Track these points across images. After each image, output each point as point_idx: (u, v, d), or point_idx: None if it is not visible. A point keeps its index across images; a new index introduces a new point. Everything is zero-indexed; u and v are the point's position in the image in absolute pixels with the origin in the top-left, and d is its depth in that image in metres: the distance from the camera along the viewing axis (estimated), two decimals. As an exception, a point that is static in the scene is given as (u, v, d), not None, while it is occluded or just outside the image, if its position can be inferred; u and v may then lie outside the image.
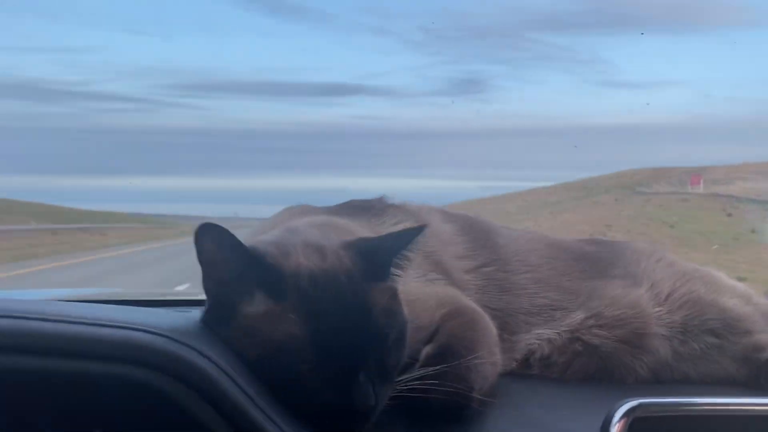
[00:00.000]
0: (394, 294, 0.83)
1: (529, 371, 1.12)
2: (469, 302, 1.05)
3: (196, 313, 0.79)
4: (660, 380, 1.13)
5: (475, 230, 1.23)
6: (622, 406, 0.67)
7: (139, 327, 0.62)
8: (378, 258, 0.83)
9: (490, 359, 0.95)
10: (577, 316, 1.14)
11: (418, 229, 0.86)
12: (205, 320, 0.78)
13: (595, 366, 1.11)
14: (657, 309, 1.15)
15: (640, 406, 0.67)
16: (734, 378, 1.12)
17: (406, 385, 0.81)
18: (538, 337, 1.13)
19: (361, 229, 1.04)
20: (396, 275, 0.85)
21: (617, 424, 0.66)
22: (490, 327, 1.02)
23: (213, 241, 0.75)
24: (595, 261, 1.23)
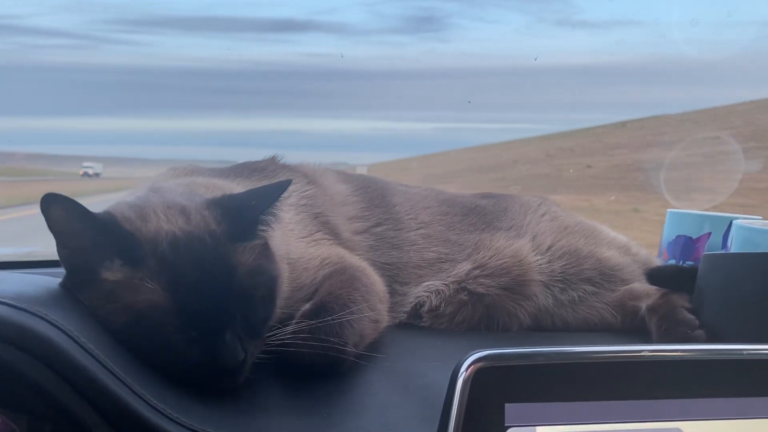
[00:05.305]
0: (262, 250, 0.83)
1: (419, 323, 1.16)
2: (355, 261, 1.07)
3: (54, 279, 0.78)
4: (542, 327, 1.19)
5: (370, 190, 1.24)
6: (468, 357, 0.70)
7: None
8: (243, 217, 0.82)
9: (371, 316, 0.97)
10: (464, 267, 1.18)
11: (285, 184, 0.85)
12: (63, 284, 0.77)
13: (479, 314, 1.16)
14: (537, 258, 1.20)
15: (485, 356, 0.70)
16: (611, 324, 1.19)
17: (278, 340, 0.83)
18: (427, 288, 1.17)
19: None
20: (263, 232, 0.84)
21: (463, 374, 0.69)
22: (375, 284, 1.04)
23: (60, 211, 0.74)
24: (484, 214, 1.27)
